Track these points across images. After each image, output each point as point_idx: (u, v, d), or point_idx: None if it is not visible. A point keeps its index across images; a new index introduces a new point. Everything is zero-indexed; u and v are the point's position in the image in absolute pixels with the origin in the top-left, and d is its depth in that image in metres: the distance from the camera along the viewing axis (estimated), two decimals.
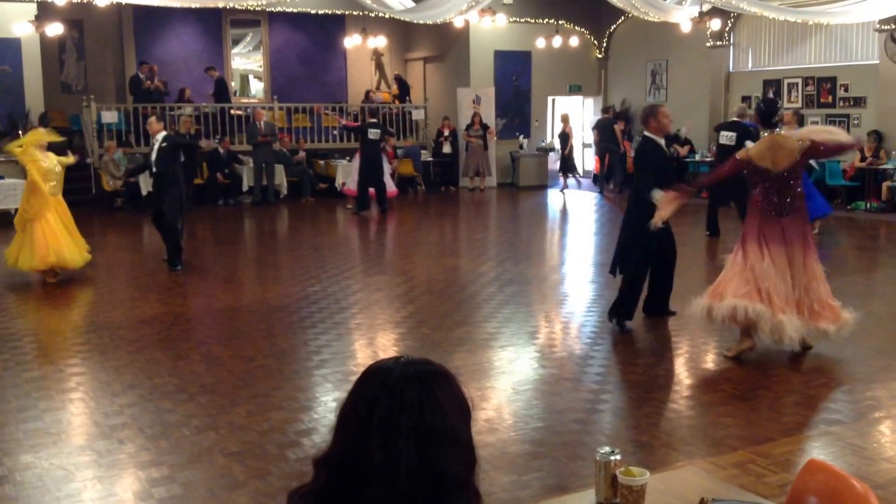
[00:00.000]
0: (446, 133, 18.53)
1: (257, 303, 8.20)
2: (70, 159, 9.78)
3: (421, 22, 16.03)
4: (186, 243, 10.41)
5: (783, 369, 5.90)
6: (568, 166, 18.19)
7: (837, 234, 12.32)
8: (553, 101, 20.34)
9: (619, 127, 17.64)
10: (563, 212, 15.93)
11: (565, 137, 18.05)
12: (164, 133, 9.86)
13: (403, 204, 16.78)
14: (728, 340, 6.53)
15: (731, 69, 17.59)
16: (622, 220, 7.07)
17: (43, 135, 9.29)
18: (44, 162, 8.92)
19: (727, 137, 11.39)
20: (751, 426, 4.85)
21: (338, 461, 1.51)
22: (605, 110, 18.34)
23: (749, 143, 9.97)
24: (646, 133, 6.79)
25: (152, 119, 10.17)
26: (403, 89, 19.74)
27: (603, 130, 17.55)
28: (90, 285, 9.14)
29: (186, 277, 9.38)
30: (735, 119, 11.82)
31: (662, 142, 6.83)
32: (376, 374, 1.53)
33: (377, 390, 1.50)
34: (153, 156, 9.73)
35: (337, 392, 5.54)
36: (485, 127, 18.16)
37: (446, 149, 18.58)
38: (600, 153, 17.75)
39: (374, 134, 14.47)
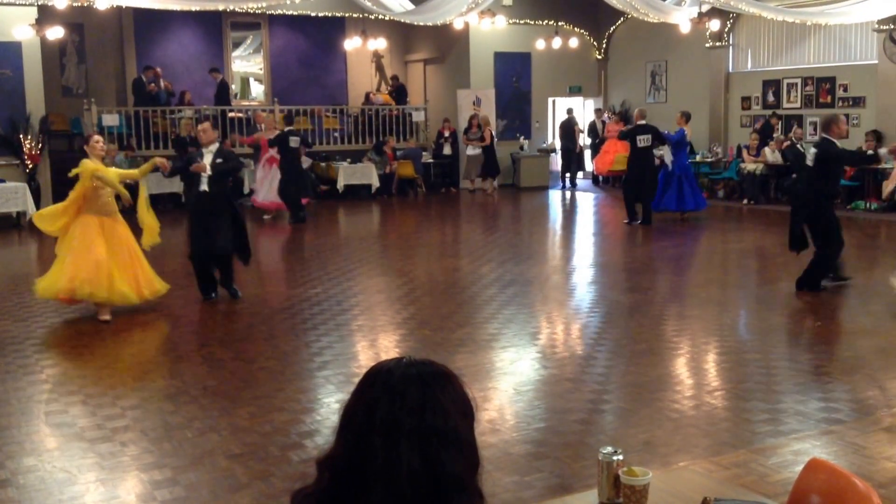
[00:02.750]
0: (447, 134, 18.54)
1: (259, 304, 8.20)
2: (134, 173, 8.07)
3: (421, 24, 16.03)
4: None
5: (784, 369, 5.91)
6: (490, 169, 18.32)
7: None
8: (553, 102, 20.35)
9: (578, 128, 19.00)
10: (565, 213, 15.93)
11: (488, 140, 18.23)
12: (216, 145, 8.15)
13: (404, 206, 16.80)
14: (726, 341, 6.54)
15: (730, 69, 17.60)
16: (813, 212, 8.14)
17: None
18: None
19: (643, 140, 13.26)
20: (752, 425, 4.86)
21: (340, 462, 1.51)
22: (568, 111, 19.08)
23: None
24: (827, 136, 8.18)
25: (207, 125, 8.32)
26: (401, 93, 19.73)
27: (565, 131, 18.49)
28: None
29: (188, 280, 9.37)
30: (643, 122, 13.40)
31: (839, 143, 8.34)
32: (378, 375, 1.53)
33: (379, 391, 1.50)
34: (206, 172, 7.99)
35: (339, 394, 5.54)
36: (481, 129, 18.16)
37: (446, 150, 18.60)
38: (563, 151, 18.77)
39: (294, 142, 13.99)
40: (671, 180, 13.43)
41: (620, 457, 2.24)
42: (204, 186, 8.01)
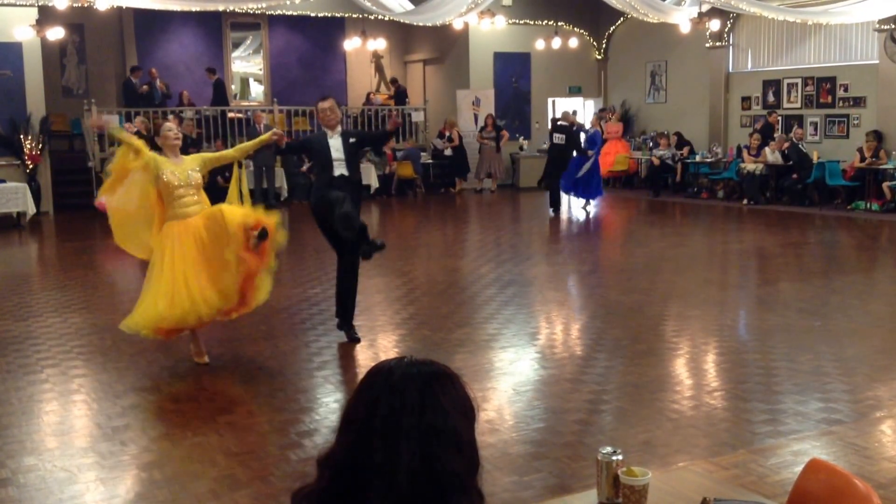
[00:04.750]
0: (447, 135, 18.55)
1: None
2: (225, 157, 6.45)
3: (420, 24, 16.04)
4: None
5: (784, 369, 5.91)
6: (460, 169, 18.40)
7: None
8: (553, 102, 20.36)
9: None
10: (564, 213, 15.93)
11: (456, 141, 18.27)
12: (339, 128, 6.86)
13: (403, 206, 16.80)
14: (726, 341, 6.53)
15: (730, 69, 17.60)
16: None
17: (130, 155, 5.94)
18: (165, 174, 5.88)
19: (558, 138, 14.62)
20: (752, 426, 4.86)
21: (341, 461, 1.51)
22: (573, 113, 19.43)
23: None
24: None
25: (330, 103, 6.97)
26: (401, 94, 19.72)
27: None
28: (91, 288, 9.15)
29: None
30: (563, 122, 14.83)
31: None
32: (379, 374, 1.54)
33: (379, 390, 1.51)
34: (337, 155, 6.64)
35: (338, 393, 5.55)
36: (498, 129, 18.21)
37: (447, 151, 18.61)
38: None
39: None
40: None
41: (620, 457, 2.24)
42: (341, 170, 6.63)
